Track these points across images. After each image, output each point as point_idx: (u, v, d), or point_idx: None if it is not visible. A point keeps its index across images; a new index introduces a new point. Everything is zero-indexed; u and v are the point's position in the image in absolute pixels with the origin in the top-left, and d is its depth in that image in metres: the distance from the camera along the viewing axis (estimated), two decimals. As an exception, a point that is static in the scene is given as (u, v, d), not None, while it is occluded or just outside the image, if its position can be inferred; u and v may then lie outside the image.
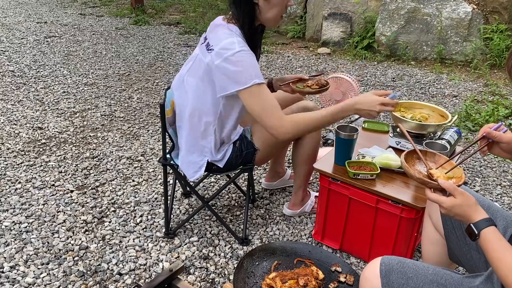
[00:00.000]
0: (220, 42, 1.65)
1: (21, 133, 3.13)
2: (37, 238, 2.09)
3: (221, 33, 1.69)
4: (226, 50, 1.62)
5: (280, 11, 1.70)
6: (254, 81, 1.62)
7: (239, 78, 1.63)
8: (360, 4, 5.35)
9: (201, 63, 1.73)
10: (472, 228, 1.07)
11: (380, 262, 1.19)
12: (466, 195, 1.11)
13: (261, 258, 1.78)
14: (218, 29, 1.73)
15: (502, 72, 4.56)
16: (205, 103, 1.78)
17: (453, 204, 1.10)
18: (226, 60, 1.62)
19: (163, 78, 4.38)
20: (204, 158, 1.89)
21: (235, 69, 1.62)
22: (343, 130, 1.89)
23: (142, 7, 7.50)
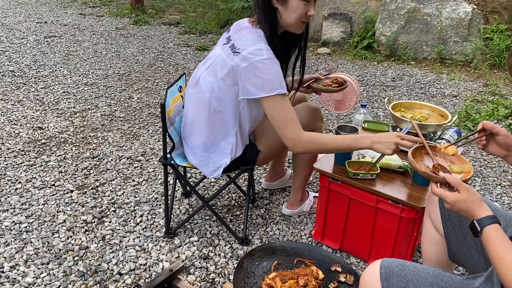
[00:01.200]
0: (248, 47, 1.65)
1: (21, 133, 3.13)
2: (37, 238, 2.09)
3: (249, 37, 1.68)
4: (254, 55, 1.62)
5: (300, 17, 1.67)
6: (279, 91, 1.63)
7: (264, 85, 1.63)
8: (360, 4, 5.35)
9: (225, 64, 1.71)
10: (475, 225, 1.07)
11: (380, 265, 1.18)
12: (471, 191, 1.11)
13: (261, 258, 1.78)
14: (245, 32, 1.72)
15: (502, 72, 4.57)
16: (226, 103, 1.77)
17: (457, 199, 1.10)
18: (253, 65, 1.62)
19: (163, 78, 4.39)
20: (223, 159, 1.88)
21: (261, 75, 1.62)
22: (343, 130, 1.89)
23: (142, 7, 7.50)
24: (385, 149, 1.61)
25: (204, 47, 5.44)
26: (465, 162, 1.28)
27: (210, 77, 1.78)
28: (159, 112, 3.40)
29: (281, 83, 1.65)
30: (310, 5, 1.66)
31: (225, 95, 1.75)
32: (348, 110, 2.52)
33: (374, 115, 3.58)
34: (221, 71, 1.73)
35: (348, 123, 3.05)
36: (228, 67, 1.70)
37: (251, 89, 1.66)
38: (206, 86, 1.80)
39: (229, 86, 1.72)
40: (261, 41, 1.67)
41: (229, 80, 1.71)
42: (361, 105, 2.54)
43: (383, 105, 3.78)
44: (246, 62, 1.63)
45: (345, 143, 1.71)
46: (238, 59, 1.66)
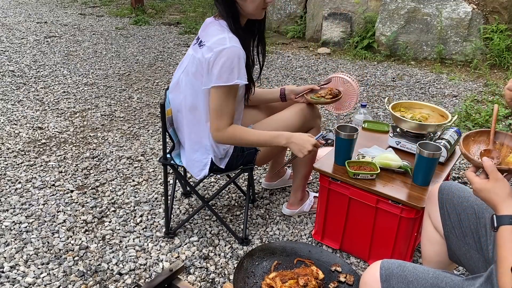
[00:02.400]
0: (212, 38, 1.69)
1: (21, 133, 3.13)
2: (37, 238, 2.09)
3: (213, 29, 1.73)
4: (217, 45, 1.65)
5: (259, 6, 1.71)
6: (236, 81, 1.66)
7: (222, 74, 1.65)
8: (360, 4, 5.35)
9: (194, 60, 1.75)
10: (494, 220, 1.05)
11: (380, 266, 1.17)
12: (501, 183, 1.07)
13: (261, 258, 1.78)
14: (209, 26, 1.77)
15: (502, 72, 4.57)
16: (199, 98, 1.78)
17: (482, 188, 1.08)
18: (216, 54, 1.64)
19: (163, 78, 4.39)
20: (208, 156, 1.89)
21: (221, 64, 1.64)
22: (343, 130, 1.89)
23: (142, 7, 7.50)
24: (298, 152, 1.75)
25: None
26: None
27: (185, 76, 1.82)
28: (159, 112, 3.39)
29: (241, 74, 1.66)
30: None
31: (197, 89, 1.77)
32: (348, 110, 2.52)
33: (374, 115, 3.58)
34: (191, 68, 1.77)
35: (348, 123, 3.05)
36: (196, 61, 1.73)
37: (211, 79, 1.68)
38: (183, 86, 1.83)
39: (199, 78, 1.75)
40: (224, 31, 1.70)
41: (198, 74, 1.74)
42: (361, 105, 2.54)
43: (383, 105, 3.78)
44: (210, 52, 1.66)
45: (263, 139, 1.79)
46: (203, 51, 1.69)
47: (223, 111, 1.72)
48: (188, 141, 1.90)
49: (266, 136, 1.80)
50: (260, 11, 1.75)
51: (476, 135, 1.29)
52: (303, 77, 4.49)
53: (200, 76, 1.73)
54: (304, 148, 1.74)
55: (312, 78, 4.46)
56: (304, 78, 4.46)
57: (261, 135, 1.80)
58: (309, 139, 1.75)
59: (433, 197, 1.48)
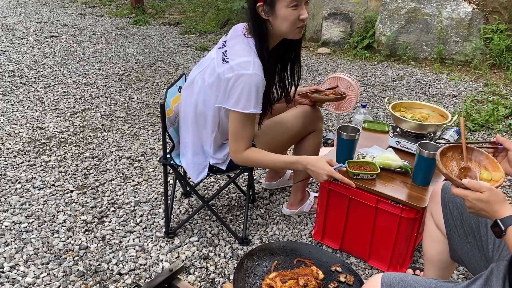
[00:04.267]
0: (237, 58, 1.64)
1: (21, 133, 3.13)
2: (37, 238, 2.09)
3: (240, 47, 1.67)
4: (241, 68, 1.61)
5: (293, 24, 1.63)
6: (251, 110, 1.64)
7: (240, 101, 1.63)
8: (360, 4, 5.35)
9: (214, 71, 1.71)
10: (499, 224, 1.04)
11: (381, 281, 1.14)
12: (494, 191, 1.07)
13: (261, 258, 1.78)
14: (238, 40, 1.70)
15: (502, 72, 4.57)
16: (210, 109, 1.78)
17: (478, 198, 1.07)
18: (237, 77, 1.61)
19: (163, 78, 4.38)
20: (207, 159, 1.91)
21: (240, 90, 1.62)
22: (345, 131, 1.89)
23: (142, 7, 7.50)
24: (316, 176, 1.73)
25: (204, 47, 5.44)
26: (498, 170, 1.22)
27: (201, 80, 1.79)
28: (159, 112, 3.39)
29: (256, 103, 1.65)
30: (301, 8, 1.61)
31: (210, 100, 1.76)
32: (348, 110, 2.52)
33: (374, 115, 3.57)
34: (209, 78, 1.73)
35: (348, 123, 3.05)
36: (215, 75, 1.70)
37: (228, 100, 1.66)
38: (196, 88, 1.81)
39: (214, 92, 1.73)
40: (251, 53, 1.64)
41: (215, 87, 1.72)
42: (361, 105, 2.54)
43: (383, 105, 3.78)
44: (231, 72, 1.62)
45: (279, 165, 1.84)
46: (225, 68, 1.65)
47: (240, 136, 1.72)
48: (192, 143, 1.90)
49: (282, 163, 1.82)
50: (296, 30, 1.66)
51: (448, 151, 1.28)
52: (303, 77, 4.49)
53: (216, 90, 1.71)
54: (321, 175, 1.70)
55: (312, 78, 4.46)
56: (304, 78, 4.46)
57: (277, 161, 1.80)
58: (324, 167, 1.69)
59: (436, 196, 1.48)
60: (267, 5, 1.60)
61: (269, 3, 1.59)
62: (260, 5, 1.60)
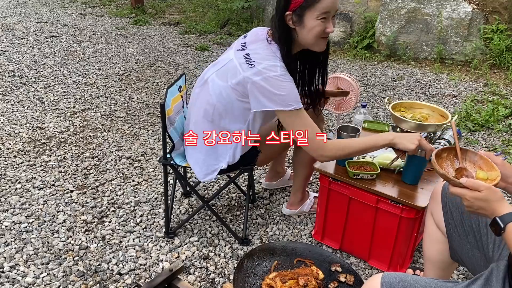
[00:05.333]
0: (263, 61, 1.63)
1: (21, 133, 3.13)
2: (37, 238, 2.09)
3: (264, 52, 1.66)
4: (268, 70, 1.60)
5: (318, 35, 1.63)
6: (294, 106, 1.63)
7: (278, 100, 1.62)
8: (360, 4, 5.35)
9: (237, 73, 1.67)
10: (498, 221, 1.04)
11: (381, 281, 1.14)
12: (492, 189, 1.08)
13: (261, 258, 1.78)
14: (261, 44, 1.68)
15: (502, 72, 4.56)
16: (232, 111, 1.76)
17: (476, 197, 1.08)
18: (267, 80, 1.60)
19: (163, 78, 4.38)
20: (219, 163, 1.87)
21: (276, 91, 1.61)
22: (345, 131, 1.89)
23: (142, 7, 7.50)
24: (408, 143, 1.62)
25: (204, 47, 5.44)
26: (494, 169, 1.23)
27: (220, 81, 1.75)
28: (159, 112, 3.39)
29: (296, 98, 1.64)
30: (328, 21, 1.61)
31: (232, 103, 1.74)
32: (348, 110, 2.52)
33: (374, 115, 3.57)
34: (232, 79, 1.70)
35: (348, 123, 3.05)
36: (240, 78, 1.66)
37: (266, 103, 1.64)
38: (214, 88, 1.77)
39: (239, 95, 1.71)
40: (276, 59, 1.64)
41: (240, 90, 1.69)
42: (361, 105, 2.54)
43: (383, 105, 3.78)
44: (259, 76, 1.61)
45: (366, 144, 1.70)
46: (252, 72, 1.63)
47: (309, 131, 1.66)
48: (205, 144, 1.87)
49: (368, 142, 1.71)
50: (320, 41, 1.66)
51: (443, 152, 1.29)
52: (303, 77, 4.49)
53: (242, 92, 1.69)
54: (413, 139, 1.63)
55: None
56: (304, 78, 4.46)
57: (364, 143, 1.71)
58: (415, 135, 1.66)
59: (436, 196, 1.48)
60: (296, 15, 1.60)
61: (299, 13, 1.59)
62: (289, 14, 1.60)
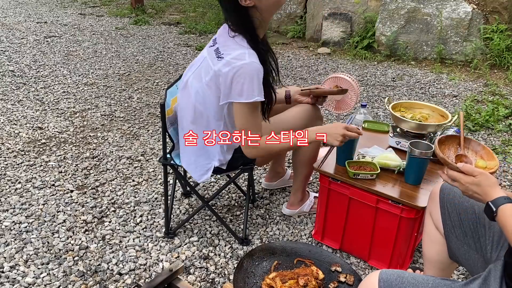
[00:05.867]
0: (231, 51, 1.64)
1: (21, 133, 3.13)
2: (37, 238, 2.09)
3: (231, 44, 1.67)
4: (236, 60, 1.61)
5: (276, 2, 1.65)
6: (256, 98, 1.63)
7: (243, 92, 1.62)
8: (360, 4, 5.35)
9: (209, 69, 1.70)
10: (490, 206, 1.08)
11: (379, 278, 1.15)
12: (487, 175, 1.12)
13: (261, 258, 1.78)
14: (228, 39, 1.69)
15: (502, 72, 4.56)
16: (210, 108, 1.77)
17: (471, 181, 1.12)
18: (235, 70, 1.61)
19: (163, 78, 4.38)
20: (211, 162, 1.88)
21: (241, 81, 1.61)
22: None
23: (142, 7, 7.50)
24: (333, 141, 1.71)
25: (204, 47, 5.43)
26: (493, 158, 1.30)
27: (196, 81, 1.77)
28: (159, 112, 3.39)
29: (260, 90, 1.64)
30: None
31: (209, 99, 1.75)
32: (348, 110, 2.52)
33: (374, 115, 3.57)
34: (205, 76, 1.72)
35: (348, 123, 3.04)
36: (212, 73, 1.69)
37: (231, 94, 1.65)
38: (192, 90, 1.80)
39: (213, 91, 1.72)
40: (243, 47, 1.64)
41: (213, 85, 1.70)
42: (361, 105, 2.54)
43: (383, 105, 3.78)
44: (228, 67, 1.62)
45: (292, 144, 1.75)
46: (221, 64, 1.64)
47: (250, 128, 1.70)
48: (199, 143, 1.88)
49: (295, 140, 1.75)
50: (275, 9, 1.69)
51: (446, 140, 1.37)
52: (303, 77, 4.49)
53: (215, 88, 1.70)
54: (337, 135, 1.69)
55: (312, 78, 4.46)
56: (304, 78, 4.46)
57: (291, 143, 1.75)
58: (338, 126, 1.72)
59: (434, 197, 1.48)
60: None
61: None
62: None
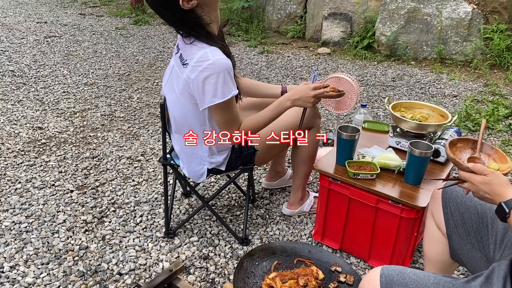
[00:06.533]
0: (194, 56, 1.59)
1: (21, 133, 3.13)
2: (37, 238, 2.09)
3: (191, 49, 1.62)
4: (200, 62, 1.57)
5: None
6: (232, 93, 1.61)
7: (217, 91, 1.59)
8: (360, 4, 5.35)
9: (179, 78, 1.68)
10: (503, 207, 1.06)
11: (380, 273, 1.15)
12: (497, 174, 1.11)
13: (261, 258, 1.78)
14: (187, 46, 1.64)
15: (502, 72, 4.56)
16: (188, 116, 1.74)
17: (482, 181, 1.11)
18: (201, 72, 1.57)
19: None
20: (203, 166, 1.89)
21: (212, 81, 1.57)
22: (345, 131, 1.89)
23: (142, 7, 7.50)
24: (305, 103, 1.77)
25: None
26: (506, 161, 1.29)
27: (169, 92, 1.76)
28: (159, 112, 3.39)
29: (233, 84, 1.61)
30: None
31: (186, 107, 1.72)
32: (348, 110, 2.52)
33: (374, 115, 3.57)
34: (177, 86, 1.70)
35: (348, 123, 3.05)
36: (182, 81, 1.65)
37: (206, 98, 1.61)
38: (168, 101, 1.80)
39: (187, 99, 1.69)
40: (204, 48, 1.59)
41: (185, 93, 1.67)
42: (361, 105, 2.54)
43: (383, 105, 3.78)
44: (195, 72, 1.58)
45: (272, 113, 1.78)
46: (188, 71, 1.61)
47: (230, 121, 1.70)
48: (183, 153, 1.89)
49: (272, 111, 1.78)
50: None
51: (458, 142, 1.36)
52: (303, 77, 4.49)
53: (188, 96, 1.67)
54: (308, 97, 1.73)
55: (312, 78, 4.46)
56: (304, 78, 4.46)
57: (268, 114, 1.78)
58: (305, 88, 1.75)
59: (436, 196, 1.48)
60: None
61: None
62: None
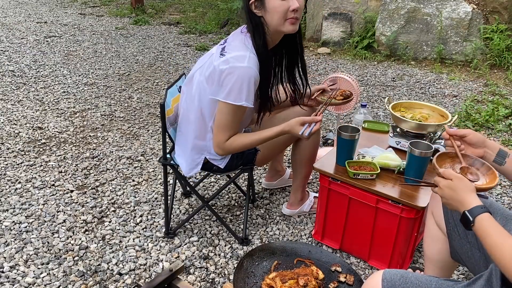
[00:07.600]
0: (233, 51, 1.68)
1: (21, 133, 3.13)
2: (37, 238, 2.09)
3: (237, 43, 1.71)
4: (235, 60, 1.64)
5: (283, 16, 1.64)
6: (242, 103, 1.66)
7: (231, 92, 1.65)
8: (360, 4, 5.35)
9: (211, 64, 1.74)
10: (467, 215, 1.06)
11: (382, 277, 1.15)
12: (465, 181, 1.12)
13: (261, 258, 1.78)
14: (236, 37, 1.74)
15: (502, 72, 4.56)
16: (205, 101, 1.79)
17: (447, 185, 1.13)
18: (230, 69, 1.64)
19: (163, 78, 4.38)
20: (201, 156, 1.90)
21: (233, 82, 1.64)
22: (345, 131, 1.89)
23: (142, 7, 7.50)
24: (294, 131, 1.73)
25: (204, 47, 5.44)
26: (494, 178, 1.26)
27: (200, 75, 1.81)
28: (159, 112, 3.39)
29: (248, 96, 1.66)
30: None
31: (204, 93, 1.78)
32: (348, 110, 2.52)
33: (374, 115, 3.57)
34: (207, 71, 1.76)
35: (348, 123, 3.05)
36: (212, 68, 1.72)
37: (220, 91, 1.68)
38: (196, 84, 1.82)
39: (209, 84, 1.75)
40: (247, 49, 1.68)
41: (210, 79, 1.74)
42: (361, 105, 2.54)
43: (383, 105, 3.78)
44: (226, 65, 1.65)
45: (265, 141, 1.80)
46: (221, 61, 1.68)
47: (227, 128, 1.73)
48: (193, 137, 1.89)
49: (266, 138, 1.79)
50: (287, 22, 1.66)
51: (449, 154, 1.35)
52: (303, 77, 4.48)
53: (211, 82, 1.73)
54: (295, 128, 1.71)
55: (312, 78, 4.46)
56: (304, 78, 4.46)
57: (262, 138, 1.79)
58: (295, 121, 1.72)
59: (437, 196, 1.48)
60: (258, 1, 1.64)
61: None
62: (252, 2, 1.66)
